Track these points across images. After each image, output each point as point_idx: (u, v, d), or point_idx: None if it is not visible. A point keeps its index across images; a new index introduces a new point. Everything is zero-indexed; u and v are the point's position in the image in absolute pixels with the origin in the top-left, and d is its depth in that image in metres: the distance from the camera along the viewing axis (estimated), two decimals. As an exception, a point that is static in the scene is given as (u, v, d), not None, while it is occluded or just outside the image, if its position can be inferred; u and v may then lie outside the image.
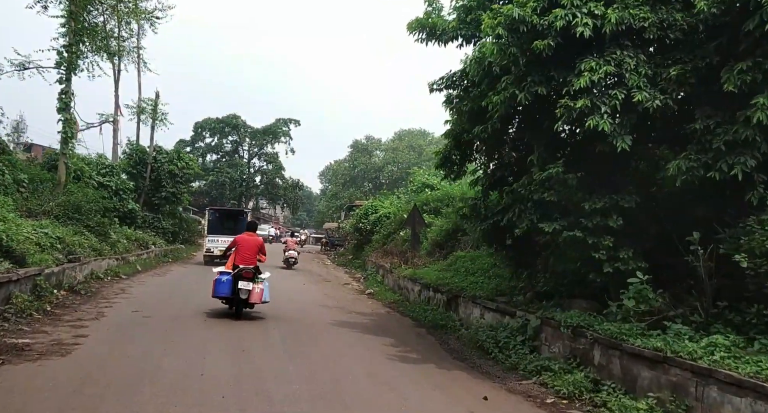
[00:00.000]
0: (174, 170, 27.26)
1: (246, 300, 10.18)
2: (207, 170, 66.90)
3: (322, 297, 15.09)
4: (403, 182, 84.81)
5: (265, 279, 10.85)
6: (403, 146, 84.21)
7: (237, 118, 67.15)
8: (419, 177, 29.22)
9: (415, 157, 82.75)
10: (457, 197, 21.35)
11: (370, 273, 20.40)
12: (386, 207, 26.91)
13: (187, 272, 19.28)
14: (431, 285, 12.75)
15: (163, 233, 26.47)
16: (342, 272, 24.65)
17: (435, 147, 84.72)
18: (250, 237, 10.91)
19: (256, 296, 10.23)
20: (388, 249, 21.46)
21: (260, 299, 10.33)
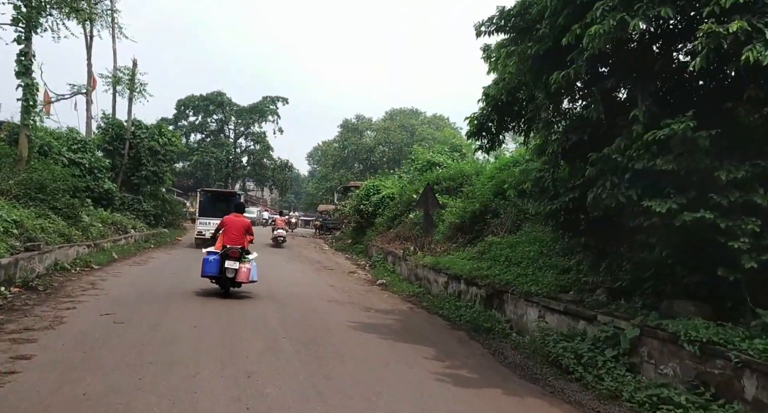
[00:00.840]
0: (155, 147, 24.83)
1: (233, 278, 10.41)
2: (191, 150, 64.21)
3: (328, 289, 13.04)
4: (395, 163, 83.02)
5: (253, 260, 11.09)
6: (394, 126, 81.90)
7: (222, 95, 64.24)
8: (422, 155, 27.12)
9: (407, 136, 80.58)
10: (470, 175, 19.38)
11: (376, 260, 18.37)
12: (389, 187, 24.82)
13: (171, 260, 17.09)
14: (463, 276, 10.74)
15: (144, 216, 24.17)
16: (342, 258, 22.61)
17: (427, 127, 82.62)
18: (237, 219, 11.18)
19: (243, 275, 10.49)
20: (396, 233, 19.44)
21: (247, 278, 10.62)
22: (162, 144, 25.18)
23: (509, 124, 10.03)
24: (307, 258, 20.98)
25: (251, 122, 67.62)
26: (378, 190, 24.43)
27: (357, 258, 22.16)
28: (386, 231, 21.04)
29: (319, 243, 29.13)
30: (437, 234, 16.04)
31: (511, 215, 12.11)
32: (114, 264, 14.39)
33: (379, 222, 22.39)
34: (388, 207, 23.49)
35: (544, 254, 9.85)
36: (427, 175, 22.61)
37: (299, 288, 12.68)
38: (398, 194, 21.89)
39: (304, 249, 25.13)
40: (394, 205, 21.58)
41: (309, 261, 20.20)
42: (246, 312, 9.04)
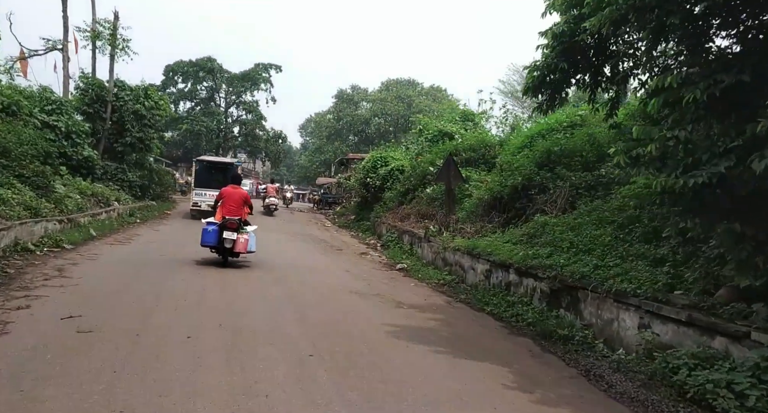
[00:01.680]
0: (140, 110, 22.47)
1: (231, 249, 10.62)
2: (180, 118, 61.48)
3: (344, 275, 11.13)
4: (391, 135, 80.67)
5: (251, 231, 11.28)
6: (391, 97, 79.25)
7: (212, 61, 61.18)
8: (431, 124, 25.00)
9: (404, 108, 78.14)
10: (493, 145, 17.38)
11: (389, 239, 16.44)
12: (397, 159, 22.76)
13: (159, 237, 15.05)
14: (513, 265, 8.83)
15: (129, 187, 21.98)
16: (348, 236, 20.67)
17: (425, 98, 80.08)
18: (235, 190, 11.35)
19: (240, 246, 10.68)
20: (410, 209, 17.49)
21: (245, 248, 10.79)
22: (148, 107, 22.83)
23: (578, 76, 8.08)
24: (310, 237, 19.02)
25: (243, 90, 64.77)
26: (386, 161, 22.37)
27: (364, 236, 20.24)
28: (397, 207, 19.08)
29: (320, 220, 27.13)
30: (460, 212, 14.10)
31: (564, 191, 10.16)
32: (91, 243, 12.33)
33: (388, 198, 20.41)
34: (398, 181, 21.49)
35: (620, 239, 7.94)
36: (441, 146, 20.59)
37: (312, 275, 10.73)
38: (410, 167, 19.85)
39: (306, 226, 23.15)
40: (405, 178, 19.57)
41: (313, 239, 18.24)
42: (258, 318, 7.09)
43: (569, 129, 13.53)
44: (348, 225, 24.05)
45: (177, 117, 62.14)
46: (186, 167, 71.53)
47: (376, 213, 20.94)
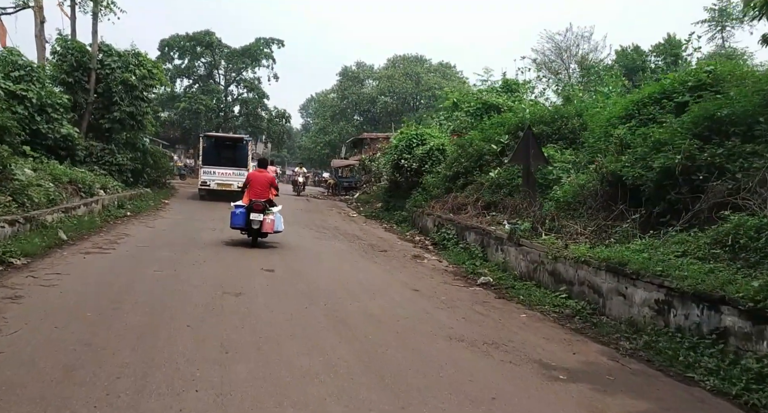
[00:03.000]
0: (130, 80, 18.83)
1: (259, 229, 11.15)
2: (178, 97, 57.61)
3: (414, 297, 7.77)
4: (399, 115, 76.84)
5: (277, 212, 11.68)
6: (398, 74, 75.23)
7: (211, 34, 57.02)
8: (473, 96, 21.41)
9: (412, 86, 74.33)
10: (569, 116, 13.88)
11: (445, 237, 12.96)
12: (436, 136, 19.21)
13: (154, 238, 11.59)
14: (732, 302, 5.37)
15: (119, 172, 18.49)
16: (381, 229, 17.26)
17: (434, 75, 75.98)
18: (261, 174, 11.82)
19: (267, 226, 11.19)
20: (465, 198, 14.04)
21: (272, 228, 11.29)
22: (140, 77, 19.18)
23: None
24: (339, 232, 15.60)
25: (244, 67, 60.71)
26: (423, 139, 18.81)
27: (402, 230, 16.83)
28: (445, 194, 15.62)
29: (341, 208, 23.63)
30: (547, 206, 10.64)
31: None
32: (58, 252, 8.87)
33: (430, 183, 16.91)
34: (438, 163, 18.01)
35: None
36: (494, 119, 17.07)
37: (374, 300, 7.37)
38: (456, 146, 16.29)
39: (328, 217, 19.71)
40: (451, 159, 16.03)
41: (345, 235, 14.82)
42: None
43: (695, 90, 9.94)
44: (376, 215, 20.61)
45: (174, 95, 58.42)
46: (184, 149, 67.85)
47: (414, 201, 17.47)
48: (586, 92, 20.47)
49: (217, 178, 20.07)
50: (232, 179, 20.92)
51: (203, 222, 15.22)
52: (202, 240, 11.68)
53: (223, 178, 21.11)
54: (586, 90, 21.62)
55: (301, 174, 31.63)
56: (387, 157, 19.64)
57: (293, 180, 31.25)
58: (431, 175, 17.79)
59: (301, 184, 29.77)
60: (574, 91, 20.14)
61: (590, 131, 12.25)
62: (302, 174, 31.79)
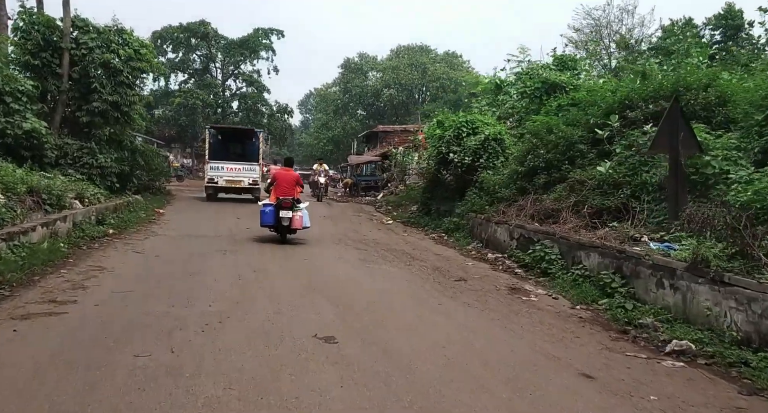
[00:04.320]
0: (113, 62, 15.27)
1: (288, 226, 11.58)
2: (172, 93, 54.01)
3: (600, 399, 4.24)
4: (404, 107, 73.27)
5: (304, 208, 12.03)
6: (403, 64, 71.59)
7: (206, 25, 53.34)
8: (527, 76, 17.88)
9: (419, 76, 70.75)
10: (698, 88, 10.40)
11: (541, 256, 9.37)
12: (491, 123, 15.69)
13: (143, 276, 8.04)
14: None
15: (102, 176, 14.97)
16: (429, 241, 13.81)
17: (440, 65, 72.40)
18: (287, 173, 12.34)
19: (296, 222, 11.66)
20: (557, 202, 10.54)
21: (301, 225, 11.74)
22: (125, 58, 15.60)
23: None
24: (383, 247, 12.14)
25: (242, 59, 57.05)
26: (474, 128, 15.27)
27: (456, 241, 13.38)
28: (517, 196, 12.12)
29: (369, 213, 20.07)
30: (706, 208, 7.15)
31: None
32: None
33: (491, 182, 13.38)
34: (496, 155, 14.55)
35: None
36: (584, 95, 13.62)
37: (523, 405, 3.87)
38: (531, 133, 12.73)
39: (360, 226, 16.23)
40: (526, 149, 12.49)
41: (393, 253, 11.34)
42: None
43: None
44: (414, 221, 17.11)
45: (168, 91, 54.78)
46: (181, 148, 64.21)
47: (470, 204, 13.98)
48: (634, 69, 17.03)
49: (225, 174, 18.40)
50: (242, 175, 19.06)
51: (210, 240, 11.74)
52: (213, 273, 8.20)
53: (232, 174, 19.10)
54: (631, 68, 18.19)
55: (322, 172, 24.84)
56: (429, 150, 16.09)
57: (313, 180, 25.60)
58: (490, 171, 14.31)
59: (323, 186, 24.08)
60: (650, 65, 16.60)
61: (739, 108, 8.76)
62: (323, 172, 24.94)
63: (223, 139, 20.81)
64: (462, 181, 15.32)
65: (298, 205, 11.85)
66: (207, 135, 20.34)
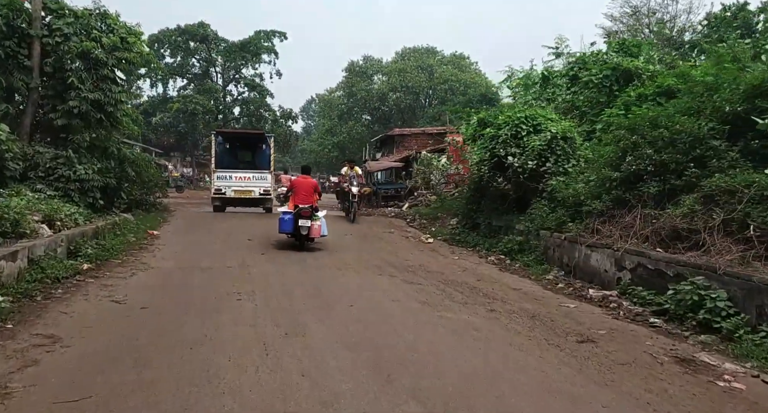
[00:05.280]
0: (94, 52, 12.51)
1: (307, 235, 11.75)
2: (170, 99, 51.42)
3: None
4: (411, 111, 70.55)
5: (322, 217, 12.21)
6: (410, 67, 68.96)
7: (205, 27, 50.88)
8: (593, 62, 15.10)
9: (426, 78, 68.11)
10: None
11: (697, 303, 6.52)
12: (554, 119, 12.86)
13: (112, 357, 5.21)
14: None
15: (82, 191, 12.14)
16: (492, 267, 10.94)
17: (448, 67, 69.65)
18: (305, 180, 12.45)
19: (315, 231, 11.83)
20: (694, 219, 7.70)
21: (319, 233, 11.92)
22: (109, 48, 12.84)
23: None
24: (435, 276, 9.32)
25: (243, 63, 54.47)
26: (536, 124, 12.44)
27: (524, 266, 10.57)
28: (615, 210, 9.28)
29: (400, 227, 17.14)
30: None
31: None
32: None
33: (573, 191, 10.51)
34: (566, 158, 11.77)
35: None
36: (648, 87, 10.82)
37: None
38: (626, 128, 9.88)
39: (396, 245, 13.39)
40: (621, 149, 9.65)
41: (456, 288, 8.53)
42: None
43: None
44: (459, 238, 14.26)
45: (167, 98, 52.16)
46: (181, 157, 61.49)
47: (540, 218, 11.15)
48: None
49: (234, 184, 17.04)
50: (252, 184, 17.51)
51: (217, 274, 8.93)
52: (224, 340, 5.38)
53: (241, 183, 17.49)
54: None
55: (354, 178, 17.10)
56: (476, 153, 13.25)
57: (341, 189, 18.74)
58: (560, 177, 11.50)
59: (355, 200, 16.81)
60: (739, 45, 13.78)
61: None
62: (356, 178, 17.21)
63: (230, 146, 19.25)
64: (522, 189, 12.49)
65: (317, 214, 12.11)
66: (212, 141, 18.76)
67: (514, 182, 12.46)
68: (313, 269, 9.83)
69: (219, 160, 18.14)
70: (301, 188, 12.16)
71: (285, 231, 11.96)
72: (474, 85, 65.82)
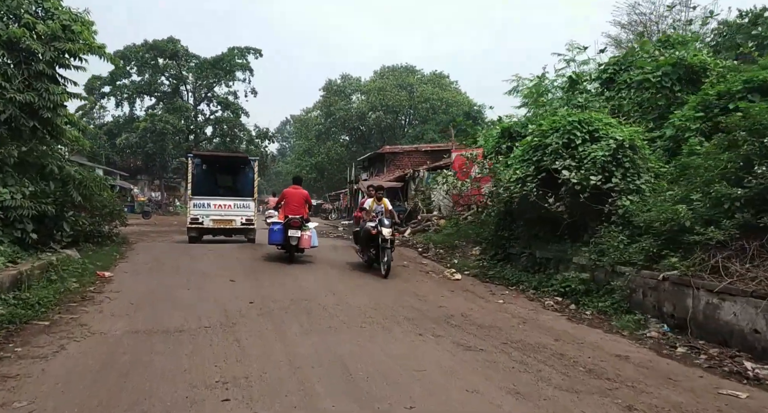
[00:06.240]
0: (24, 41, 9.59)
1: (296, 245, 11.71)
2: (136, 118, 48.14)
3: None
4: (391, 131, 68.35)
5: (313, 228, 12.24)
6: (390, 85, 67.03)
7: (175, 42, 47.99)
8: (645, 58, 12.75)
9: (407, 97, 66.21)
10: None
11: None
12: (614, 125, 10.32)
13: None
14: None
15: (5, 224, 9.07)
16: (555, 316, 8.23)
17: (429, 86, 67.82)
18: (296, 191, 12.28)
19: (305, 242, 11.77)
20: None
21: (309, 244, 11.89)
22: (46, 37, 9.92)
23: None
24: (499, 337, 6.62)
25: (216, 81, 51.59)
26: (593, 131, 9.91)
27: (590, 312, 7.98)
28: (743, 240, 6.73)
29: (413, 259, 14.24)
30: None
31: None
32: None
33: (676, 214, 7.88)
34: (636, 172, 9.28)
35: None
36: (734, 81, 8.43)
37: None
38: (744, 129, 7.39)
39: (418, 285, 10.55)
40: (737, 158, 7.16)
41: (541, 357, 5.88)
42: None
43: None
44: (494, 273, 11.56)
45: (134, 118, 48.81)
46: (148, 180, 57.80)
47: (614, 251, 8.53)
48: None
49: (212, 213, 15.45)
50: (233, 213, 15.74)
51: (189, 341, 6.06)
52: None
53: (221, 212, 15.70)
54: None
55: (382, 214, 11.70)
56: (517, 167, 10.63)
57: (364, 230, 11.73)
58: (632, 195, 8.97)
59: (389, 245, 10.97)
60: None
61: None
62: (386, 214, 11.66)
63: (209, 169, 17.28)
64: (578, 211, 9.89)
65: (307, 224, 11.98)
66: (189, 165, 16.60)
67: (569, 203, 9.84)
68: (328, 328, 7.00)
69: (196, 186, 16.17)
70: (291, 199, 12.12)
71: (274, 241, 12.02)
72: (456, 104, 64.20)
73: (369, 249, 11.72)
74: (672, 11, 23.95)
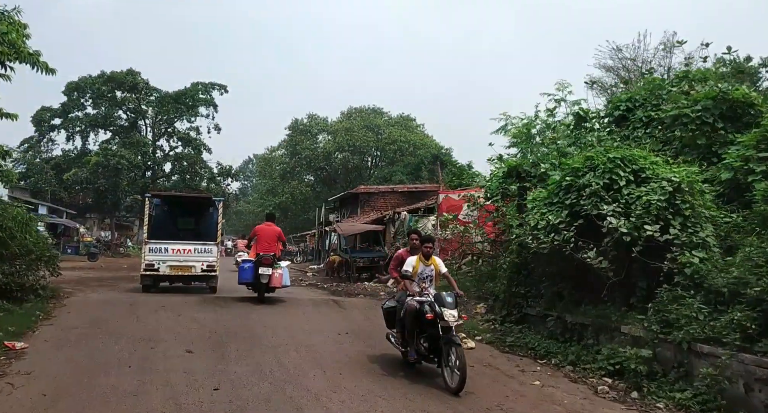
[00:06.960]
0: None
1: (267, 284, 11.49)
2: (87, 152, 44.99)
3: None
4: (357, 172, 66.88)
5: (285, 266, 12.16)
6: (357, 126, 66.05)
7: (135, 74, 45.47)
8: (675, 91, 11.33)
9: (373, 138, 65.18)
10: None
11: None
12: (660, 165, 8.65)
13: None
14: None
15: None
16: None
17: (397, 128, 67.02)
18: (269, 228, 12.12)
19: (276, 280, 11.52)
20: None
21: (280, 283, 11.66)
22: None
23: None
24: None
25: (177, 116, 49.05)
26: (638, 170, 8.19)
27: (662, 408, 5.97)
28: None
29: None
30: None
31: None
32: None
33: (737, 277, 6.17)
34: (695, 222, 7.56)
35: None
36: None
37: None
38: None
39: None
40: None
41: None
42: None
43: None
44: (507, 338, 9.54)
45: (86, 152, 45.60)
46: (98, 218, 53.94)
47: (685, 322, 6.65)
48: None
49: (170, 258, 13.98)
50: (193, 258, 13.99)
51: None
52: None
53: (179, 257, 14.11)
54: None
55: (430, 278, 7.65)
56: (542, 211, 8.76)
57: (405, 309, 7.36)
58: (697, 251, 7.22)
59: (457, 343, 6.80)
60: None
61: None
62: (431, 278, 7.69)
63: (169, 211, 15.76)
64: (625, 268, 8.05)
65: (279, 263, 11.85)
66: (146, 206, 15.11)
67: (614, 257, 8.00)
68: None
69: (154, 229, 14.66)
70: (264, 235, 11.94)
71: (245, 280, 11.80)
72: (424, 146, 63.39)
73: (413, 337, 7.37)
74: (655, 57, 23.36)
